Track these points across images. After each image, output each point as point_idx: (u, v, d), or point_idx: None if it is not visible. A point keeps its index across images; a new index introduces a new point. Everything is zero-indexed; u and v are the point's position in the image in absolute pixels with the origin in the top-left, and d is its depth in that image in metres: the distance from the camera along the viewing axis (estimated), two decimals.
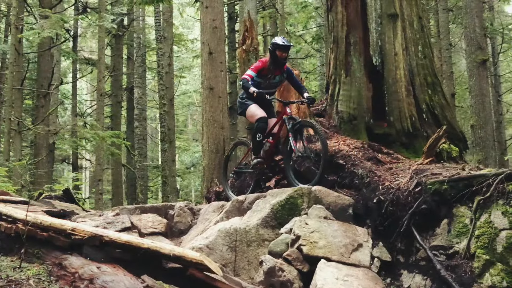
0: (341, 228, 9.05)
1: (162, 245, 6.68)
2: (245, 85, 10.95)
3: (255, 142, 11.20)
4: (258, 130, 11.09)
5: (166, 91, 28.07)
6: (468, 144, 13.49)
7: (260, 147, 11.25)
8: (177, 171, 33.74)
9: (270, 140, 11.28)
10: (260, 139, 11.14)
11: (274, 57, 11.07)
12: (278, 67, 11.24)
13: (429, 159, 10.58)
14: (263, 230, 9.32)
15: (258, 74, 11.18)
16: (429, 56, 13.06)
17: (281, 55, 11.03)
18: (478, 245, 8.29)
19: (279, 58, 11.06)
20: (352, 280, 8.12)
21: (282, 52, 11.02)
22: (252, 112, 11.25)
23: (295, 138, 10.60)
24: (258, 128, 11.09)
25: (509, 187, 8.56)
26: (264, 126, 11.12)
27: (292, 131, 10.64)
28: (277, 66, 11.19)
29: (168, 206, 11.56)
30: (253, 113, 11.23)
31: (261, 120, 11.07)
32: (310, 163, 10.47)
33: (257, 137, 11.12)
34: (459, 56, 37.00)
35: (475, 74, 22.15)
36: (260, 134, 11.09)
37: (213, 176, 15.71)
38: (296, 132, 10.69)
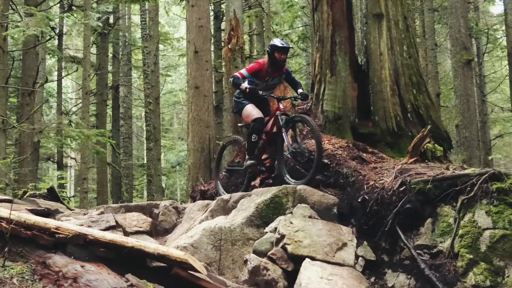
0: (326, 227, 9.07)
1: (147, 244, 6.67)
2: (235, 81, 10.88)
3: (250, 142, 11.06)
4: (254, 130, 10.94)
5: (152, 89, 28.02)
6: (452, 144, 13.54)
7: (254, 147, 11.11)
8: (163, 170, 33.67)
9: (263, 137, 11.16)
10: (256, 140, 11.00)
11: (272, 59, 10.95)
12: (277, 70, 11.17)
13: (414, 158, 10.61)
14: (248, 229, 9.33)
15: (254, 76, 11.06)
16: (414, 56, 13.09)
17: (279, 57, 10.91)
18: (462, 245, 8.33)
19: (277, 60, 10.93)
20: (336, 279, 8.14)
21: (281, 54, 10.90)
22: (248, 112, 11.12)
23: (288, 134, 10.57)
24: (254, 128, 10.94)
25: (493, 186, 8.60)
26: (260, 127, 10.97)
27: (285, 126, 10.58)
28: (276, 68, 11.10)
29: (153, 205, 11.56)
30: (249, 113, 11.11)
31: (258, 121, 10.94)
32: (304, 159, 10.34)
33: (252, 137, 10.98)
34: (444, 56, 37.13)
35: (460, 74, 22.23)
36: (255, 135, 10.95)
37: (199, 175, 15.70)
38: (289, 128, 10.67)
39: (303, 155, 10.35)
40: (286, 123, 10.61)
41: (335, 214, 9.60)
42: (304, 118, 10.63)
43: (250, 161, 11.16)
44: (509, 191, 8.50)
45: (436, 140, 12.01)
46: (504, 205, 8.40)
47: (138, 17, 33.43)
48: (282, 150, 10.71)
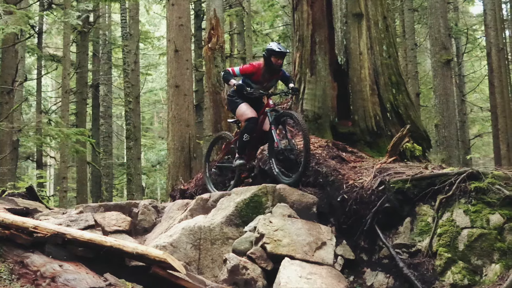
0: (305, 227, 9.09)
1: (125, 243, 6.67)
2: (225, 76, 10.77)
3: (241, 142, 10.88)
4: (247, 130, 10.79)
5: (132, 88, 27.94)
6: (431, 143, 13.61)
7: (245, 147, 10.95)
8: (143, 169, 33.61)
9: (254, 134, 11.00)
10: (247, 140, 10.83)
11: (269, 63, 10.81)
12: (274, 74, 11.10)
13: (393, 158, 10.66)
14: (227, 228, 9.32)
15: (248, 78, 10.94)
16: (393, 56, 13.14)
17: (276, 61, 10.80)
18: (440, 244, 8.38)
19: (274, 65, 10.81)
20: (315, 278, 8.16)
21: (277, 58, 10.79)
22: (242, 111, 10.95)
23: (278, 131, 10.49)
24: (246, 128, 10.79)
25: (471, 186, 8.67)
26: (253, 127, 10.82)
27: (274, 123, 10.43)
28: (272, 73, 11.00)
29: (132, 204, 11.52)
30: (243, 112, 10.94)
31: (251, 120, 10.80)
32: (294, 156, 10.20)
33: (244, 137, 10.81)
34: (424, 56, 37.31)
35: (439, 74, 22.35)
36: (247, 135, 10.78)
37: (179, 174, 15.70)
38: (279, 125, 10.51)
39: (292, 153, 10.21)
40: (275, 119, 10.44)
41: (315, 213, 9.61)
42: (293, 114, 10.43)
43: (240, 161, 10.95)
44: (487, 190, 8.56)
45: (415, 140, 12.06)
46: (482, 204, 8.46)
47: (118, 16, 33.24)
48: (273, 147, 10.50)
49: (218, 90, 14.05)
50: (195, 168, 16.47)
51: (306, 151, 9.83)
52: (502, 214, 8.28)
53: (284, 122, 10.51)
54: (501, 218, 8.25)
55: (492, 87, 26.39)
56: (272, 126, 10.41)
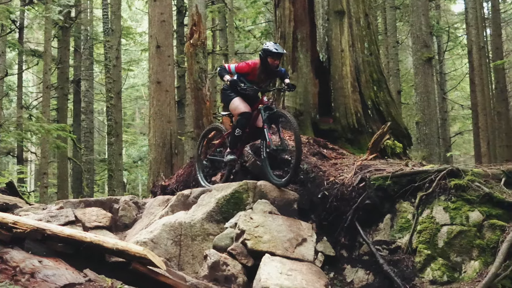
0: (286, 223, 9.10)
1: (105, 239, 6.65)
2: (220, 72, 10.61)
3: (233, 136, 10.63)
4: (239, 125, 10.51)
5: (114, 84, 27.84)
6: (412, 141, 13.68)
7: (237, 141, 10.69)
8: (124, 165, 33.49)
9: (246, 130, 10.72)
10: (239, 135, 10.56)
11: (265, 64, 10.47)
12: (271, 74, 10.81)
13: (374, 155, 10.70)
14: (208, 225, 9.32)
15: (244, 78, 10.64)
16: (375, 53, 13.20)
17: (273, 62, 10.44)
18: (420, 240, 8.43)
19: (270, 65, 10.45)
20: (296, 274, 8.18)
21: (274, 59, 10.43)
22: (236, 105, 10.65)
23: (270, 130, 10.34)
24: (239, 123, 10.51)
25: (451, 183, 8.72)
26: (245, 123, 10.53)
27: (267, 122, 10.20)
28: (269, 73, 10.68)
29: (113, 200, 11.50)
30: (236, 106, 10.63)
31: (244, 115, 10.51)
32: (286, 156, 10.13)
33: (236, 132, 10.55)
34: (406, 54, 37.44)
35: (420, 71, 22.42)
36: (239, 129, 10.52)
37: (160, 170, 15.67)
38: (271, 123, 10.35)
39: (285, 153, 10.08)
40: (268, 118, 10.20)
41: (295, 209, 9.63)
42: (285, 114, 10.15)
43: (231, 156, 10.72)
44: (466, 188, 8.62)
45: (396, 137, 12.14)
46: (461, 201, 8.52)
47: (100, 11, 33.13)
48: (265, 146, 10.25)
49: (200, 86, 14.00)
50: (176, 164, 16.44)
51: (298, 152, 9.61)
52: (481, 211, 8.34)
53: (277, 121, 10.31)
54: (480, 215, 8.31)
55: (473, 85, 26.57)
56: (265, 125, 10.18)
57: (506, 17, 31.07)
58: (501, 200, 8.43)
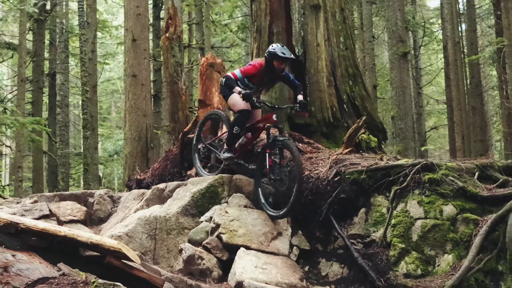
0: (261, 217, 9.14)
1: (80, 233, 6.61)
2: (228, 83, 9.94)
3: (231, 134, 10.12)
4: (237, 123, 10.01)
5: (89, 77, 27.68)
6: (387, 135, 13.74)
7: (235, 139, 10.19)
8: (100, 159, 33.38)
9: (248, 135, 10.22)
10: (237, 132, 10.04)
11: (270, 67, 9.92)
12: (274, 78, 10.35)
13: (349, 149, 10.73)
14: (183, 218, 9.33)
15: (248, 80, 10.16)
16: (350, 48, 13.24)
17: (279, 66, 9.90)
18: (394, 234, 8.49)
19: (276, 69, 9.92)
20: (271, 268, 8.21)
21: (280, 63, 9.90)
22: (235, 101, 10.03)
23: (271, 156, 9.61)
24: (237, 120, 10.02)
25: (425, 177, 8.79)
26: (244, 120, 10.04)
27: (269, 147, 9.62)
28: (272, 76, 10.19)
29: (87, 193, 11.46)
30: (235, 102, 10.03)
31: (243, 113, 9.99)
32: (283, 187, 9.33)
33: (234, 129, 10.03)
34: (382, 49, 37.56)
35: (396, 66, 22.54)
36: (238, 127, 9.99)
37: (135, 164, 15.64)
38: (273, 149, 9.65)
39: (282, 183, 9.38)
40: (271, 143, 9.61)
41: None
42: (289, 144, 9.37)
43: (227, 154, 10.20)
44: (440, 182, 8.68)
45: (371, 131, 12.20)
46: (435, 195, 8.58)
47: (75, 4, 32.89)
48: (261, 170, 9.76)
49: (176, 80, 13.97)
50: (152, 158, 16.42)
51: (299, 184, 9.00)
52: (455, 205, 8.41)
53: (281, 149, 9.61)
54: (454, 209, 8.38)
55: (448, 80, 26.74)
56: (267, 149, 9.63)
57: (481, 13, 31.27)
58: (474, 194, 8.50)
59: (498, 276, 7.73)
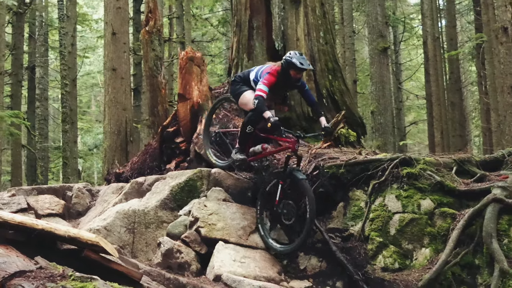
0: (240, 211, 9.15)
1: (57, 226, 6.58)
2: (259, 106, 8.96)
3: (244, 133, 9.49)
4: (250, 122, 9.35)
5: (69, 71, 27.59)
6: (366, 130, 13.80)
7: (247, 139, 9.58)
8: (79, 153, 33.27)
9: (265, 146, 9.61)
10: (250, 132, 9.40)
11: (286, 76, 9.24)
12: (289, 87, 9.73)
13: (328, 143, 10.76)
14: (161, 212, 9.32)
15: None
16: (330, 42, 13.26)
17: (295, 75, 9.22)
18: (372, 228, 8.52)
19: (292, 78, 9.24)
20: (249, 262, 8.23)
21: (297, 73, 9.23)
22: (247, 99, 9.52)
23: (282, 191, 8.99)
24: (250, 119, 9.35)
25: (403, 171, 8.83)
26: (257, 119, 9.31)
27: (283, 178, 9.00)
28: (286, 85, 9.55)
29: (66, 187, 11.42)
30: (248, 101, 9.49)
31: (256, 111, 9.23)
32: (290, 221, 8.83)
33: (247, 128, 9.39)
34: (362, 44, 37.67)
35: (376, 61, 22.64)
36: (251, 126, 9.36)
37: (115, 158, 15.60)
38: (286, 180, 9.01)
39: (289, 217, 8.87)
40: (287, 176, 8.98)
41: (250, 197, 9.64)
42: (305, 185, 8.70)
43: (240, 156, 9.53)
44: (418, 176, 8.73)
45: (350, 126, 12.23)
46: (413, 189, 8.63)
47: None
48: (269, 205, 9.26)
49: (155, 73, 13.96)
50: (131, 152, 16.39)
51: (310, 221, 8.49)
52: (432, 200, 8.46)
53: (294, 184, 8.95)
54: (431, 203, 8.42)
55: (428, 76, 26.85)
56: (281, 180, 9.03)
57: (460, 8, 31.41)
58: (452, 188, 8.55)
59: (475, 270, 7.79)
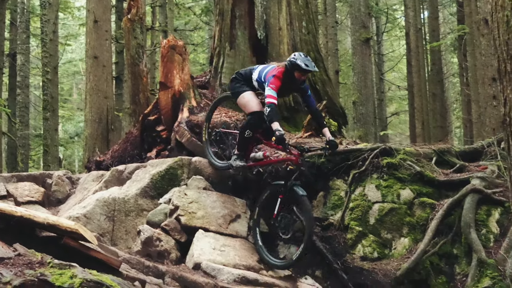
0: (220, 199, 9.16)
1: (36, 214, 6.57)
2: (270, 115, 8.42)
3: (243, 138, 9.07)
4: (249, 126, 8.97)
5: (50, 58, 27.42)
6: (347, 119, 13.84)
7: (246, 143, 9.17)
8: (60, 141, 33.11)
9: (266, 154, 9.31)
10: (250, 136, 9.00)
11: (290, 77, 8.77)
12: (292, 89, 9.30)
13: (309, 133, 10.79)
14: (142, 200, 9.31)
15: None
16: (312, 32, 13.27)
17: (299, 77, 8.78)
18: (352, 217, 8.58)
19: (296, 80, 8.81)
20: (229, 250, 8.26)
21: (302, 75, 8.78)
22: (247, 100, 9.12)
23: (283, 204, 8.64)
24: (250, 123, 8.99)
25: (383, 161, 8.89)
26: (257, 124, 8.95)
27: (284, 193, 8.60)
28: (289, 87, 9.05)
29: (46, 174, 11.38)
30: (247, 102, 9.11)
31: (256, 115, 8.93)
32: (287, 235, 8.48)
33: (246, 133, 8.98)
34: (345, 34, 37.71)
35: (358, 52, 22.69)
36: (250, 131, 8.95)
37: (95, 146, 15.55)
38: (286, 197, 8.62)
39: (286, 231, 8.51)
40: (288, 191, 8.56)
41: (230, 186, 9.65)
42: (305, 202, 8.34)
43: (239, 162, 9.09)
44: (398, 166, 8.79)
45: (332, 116, 12.27)
46: (393, 179, 8.70)
47: None
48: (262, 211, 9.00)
49: (137, 62, 13.90)
50: (113, 140, 16.34)
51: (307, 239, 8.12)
52: (412, 189, 8.53)
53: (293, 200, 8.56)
54: (411, 193, 8.50)
55: (410, 67, 26.90)
56: (281, 194, 8.66)
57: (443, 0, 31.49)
58: (431, 178, 8.63)
59: (453, 260, 7.87)
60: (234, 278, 7.53)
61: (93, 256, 6.45)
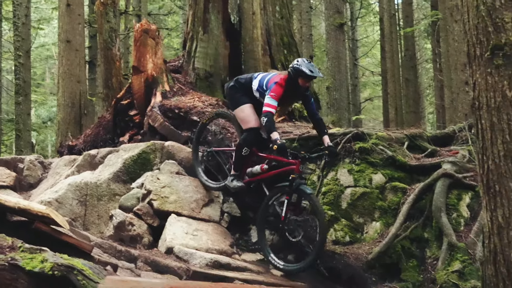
0: (193, 184, 9.15)
1: (7, 198, 6.53)
2: (269, 124, 8.14)
3: (239, 155, 8.61)
4: (246, 142, 8.54)
5: (22, 42, 27.19)
6: (321, 105, 13.88)
7: (243, 162, 8.72)
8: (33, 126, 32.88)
9: (264, 168, 8.78)
10: (246, 154, 8.55)
11: (294, 84, 8.41)
12: (296, 96, 9.04)
13: (282, 117, 10.82)
14: (114, 185, 9.29)
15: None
16: (286, 17, 13.27)
17: (304, 84, 8.41)
18: (324, 202, 8.63)
19: (300, 87, 8.44)
20: (201, 234, 8.27)
21: (306, 81, 8.43)
22: (245, 115, 8.71)
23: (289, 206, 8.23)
24: (246, 140, 8.57)
25: (356, 146, 8.93)
26: (254, 140, 8.61)
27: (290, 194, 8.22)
28: (293, 95, 8.76)
29: (17, 159, 11.30)
30: (245, 117, 8.71)
31: (253, 131, 8.61)
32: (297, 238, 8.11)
33: (243, 151, 8.53)
34: (319, 19, 37.69)
35: (332, 37, 22.67)
36: (247, 148, 8.51)
37: (68, 131, 15.46)
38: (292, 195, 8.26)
39: (295, 234, 8.16)
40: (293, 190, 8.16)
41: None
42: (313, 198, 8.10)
43: (237, 183, 8.65)
44: (370, 151, 8.85)
45: None
46: (365, 164, 8.75)
47: None
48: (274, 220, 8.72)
49: (110, 46, 13.83)
50: (86, 124, 16.26)
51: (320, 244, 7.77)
52: (384, 174, 8.60)
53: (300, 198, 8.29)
54: (383, 178, 8.57)
55: (384, 52, 27.01)
56: (287, 195, 8.26)
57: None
58: (403, 163, 8.70)
59: (424, 243, 7.95)
60: (207, 263, 7.53)
61: (64, 241, 6.43)
